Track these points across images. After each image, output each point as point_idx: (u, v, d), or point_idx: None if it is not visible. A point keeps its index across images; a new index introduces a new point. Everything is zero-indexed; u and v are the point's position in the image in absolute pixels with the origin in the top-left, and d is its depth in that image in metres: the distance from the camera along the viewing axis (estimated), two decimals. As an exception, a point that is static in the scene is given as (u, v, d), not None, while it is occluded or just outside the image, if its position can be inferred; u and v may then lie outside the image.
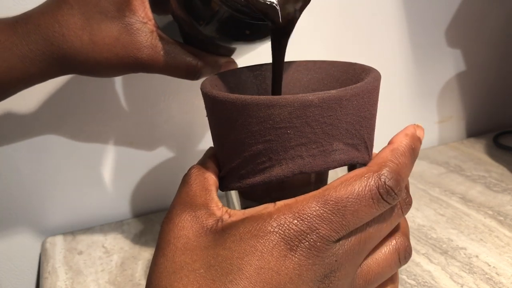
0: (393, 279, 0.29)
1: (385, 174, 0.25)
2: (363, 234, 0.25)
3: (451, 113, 0.71)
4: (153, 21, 0.34)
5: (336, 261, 0.24)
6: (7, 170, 0.51)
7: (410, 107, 0.68)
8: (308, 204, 0.24)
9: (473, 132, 0.73)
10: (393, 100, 0.66)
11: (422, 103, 0.68)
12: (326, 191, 0.24)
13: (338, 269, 0.25)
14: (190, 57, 0.35)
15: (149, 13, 0.34)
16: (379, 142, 0.37)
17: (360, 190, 0.24)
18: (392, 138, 0.28)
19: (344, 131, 0.26)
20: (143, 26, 0.34)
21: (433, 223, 0.50)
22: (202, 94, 0.30)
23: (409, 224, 0.50)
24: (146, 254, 0.48)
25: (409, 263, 0.43)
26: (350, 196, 0.24)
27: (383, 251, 0.27)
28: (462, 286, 0.40)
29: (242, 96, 0.26)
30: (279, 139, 0.26)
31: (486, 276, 0.41)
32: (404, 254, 0.28)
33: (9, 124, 0.50)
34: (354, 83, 0.29)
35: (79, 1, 0.33)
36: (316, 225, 0.24)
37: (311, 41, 0.58)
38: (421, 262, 0.44)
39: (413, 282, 0.41)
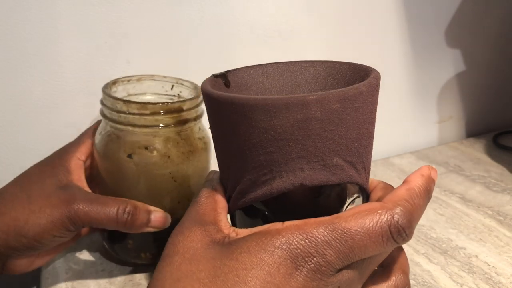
0: None
1: (399, 213, 0.24)
2: (365, 262, 0.25)
3: (451, 113, 0.71)
4: None
5: (339, 287, 0.25)
6: (8, 170, 0.51)
7: (410, 107, 0.68)
8: (317, 228, 0.24)
9: (473, 132, 0.73)
10: (393, 100, 0.66)
11: (422, 103, 0.68)
12: (336, 219, 0.24)
13: None
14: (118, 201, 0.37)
15: None
16: (380, 142, 0.38)
17: (371, 225, 0.24)
18: (408, 177, 0.27)
19: (344, 147, 0.26)
20: None
21: (433, 223, 0.50)
22: (203, 94, 0.30)
23: (409, 224, 0.50)
24: (146, 254, 0.48)
25: (409, 262, 0.43)
26: (359, 230, 0.24)
27: (380, 285, 0.27)
28: (461, 286, 0.40)
29: (244, 96, 0.26)
30: (280, 151, 0.26)
31: (486, 275, 0.41)
32: None
33: (9, 124, 0.50)
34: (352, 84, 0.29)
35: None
36: (324, 250, 0.24)
37: (310, 41, 0.58)
38: (420, 262, 0.44)
39: (412, 282, 0.41)
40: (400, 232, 0.24)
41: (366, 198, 0.30)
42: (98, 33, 0.50)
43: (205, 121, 0.48)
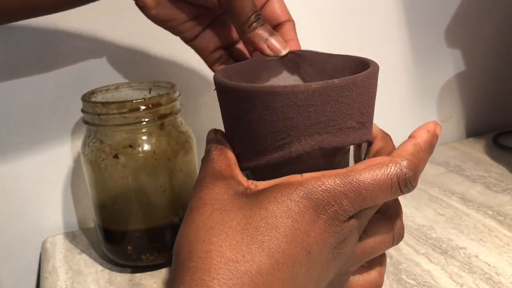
0: (382, 261, 0.32)
1: (406, 167, 0.27)
2: (369, 208, 0.28)
3: (451, 113, 0.71)
4: None
5: (350, 231, 0.28)
6: (7, 170, 0.51)
7: (410, 107, 0.68)
8: (334, 180, 0.27)
9: (473, 132, 0.73)
10: (393, 100, 0.66)
11: (422, 103, 0.68)
12: (351, 172, 0.27)
13: (349, 237, 0.28)
14: None
15: None
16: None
17: (382, 178, 0.27)
18: (414, 132, 0.30)
19: (357, 110, 0.29)
20: None
21: (433, 223, 0.50)
22: (217, 86, 0.31)
23: (409, 224, 0.50)
24: (146, 254, 0.48)
25: (409, 262, 0.44)
26: (372, 181, 0.27)
27: (381, 230, 0.31)
28: (461, 286, 0.40)
29: (271, 86, 0.27)
30: (300, 116, 0.27)
31: (486, 275, 0.41)
32: (398, 236, 0.31)
33: (9, 124, 0.50)
34: (355, 73, 0.30)
35: None
36: (340, 200, 0.26)
37: (309, 41, 0.58)
38: (421, 262, 0.44)
39: (413, 282, 0.41)
40: (407, 183, 0.27)
41: (369, 146, 0.32)
42: (98, 33, 0.50)
43: (185, 115, 0.48)
